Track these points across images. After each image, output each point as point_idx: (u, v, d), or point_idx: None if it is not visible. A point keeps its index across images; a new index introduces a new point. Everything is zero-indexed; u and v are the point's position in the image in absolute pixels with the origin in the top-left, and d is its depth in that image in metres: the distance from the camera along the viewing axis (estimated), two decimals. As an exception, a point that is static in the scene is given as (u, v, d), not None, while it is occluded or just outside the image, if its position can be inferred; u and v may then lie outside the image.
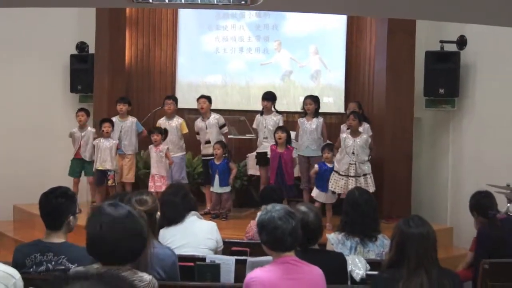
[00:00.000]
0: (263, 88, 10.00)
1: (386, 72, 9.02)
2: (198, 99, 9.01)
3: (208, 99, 8.98)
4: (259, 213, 3.64)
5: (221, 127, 8.99)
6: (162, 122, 9.08)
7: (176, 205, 4.97)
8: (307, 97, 8.77)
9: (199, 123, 9.03)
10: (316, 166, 8.23)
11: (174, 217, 4.94)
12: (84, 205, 9.37)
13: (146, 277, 3.09)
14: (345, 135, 8.09)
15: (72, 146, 9.29)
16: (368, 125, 8.42)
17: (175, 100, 9.13)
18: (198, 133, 9.10)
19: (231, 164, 8.60)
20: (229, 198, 8.77)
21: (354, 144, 7.93)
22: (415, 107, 9.10)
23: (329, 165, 8.13)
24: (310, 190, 8.43)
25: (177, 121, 9.09)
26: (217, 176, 8.54)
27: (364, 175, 7.95)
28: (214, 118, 8.99)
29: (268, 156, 8.58)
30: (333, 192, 8.07)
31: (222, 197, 8.68)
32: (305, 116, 8.71)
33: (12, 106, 9.90)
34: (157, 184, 8.52)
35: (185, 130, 9.08)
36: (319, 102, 8.77)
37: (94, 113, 9.86)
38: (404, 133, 8.94)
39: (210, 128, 8.91)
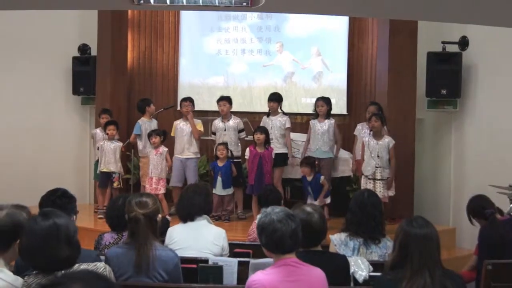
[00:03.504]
0: (265, 90, 10.03)
1: (388, 73, 9.01)
2: (218, 101, 8.94)
3: (229, 101, 8.92)
4: (258, 216, 3.62)
5: (239, 131, 8.94)
6: (178, 124, 9.02)
7: (195, 204, 4.99)
8: (319, 99, 8.77)
9: (218, 123, 8.95)
10: None
11: (188, 214, 4.96)
12: (86, 207, 9.42)
13: (100, 264, 3.33)
14: (367, 138, 8.08)
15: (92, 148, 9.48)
16: (385, 127, 8.26)
17: (192, 101, 9.00)
18: (214, 133, 9.02)
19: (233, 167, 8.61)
20: (231, 200, 8.77)
21: (378, 147, 7.92)
22: (417, 108, 9.10)
23: (308, 178, 8.23)
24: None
25: (194, 122, 8.96)
26: (219, 178, 8.53)
27: (388, 177, 7.97)
28: (234, 121, 8.93)
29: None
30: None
31: (225, 199, 8.68)
32: (317, 118, 8.70)
33: (15, 107, 9.91)
34: (154, 186, 8.49)
35: (200, 128, 8.96)
36: (331, 104, 8.77)
37: (96, 115, 9.88)
38: (406, 134, 8.93)
39: (228, 131, 8.86)
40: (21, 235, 3.15)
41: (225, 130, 8.84)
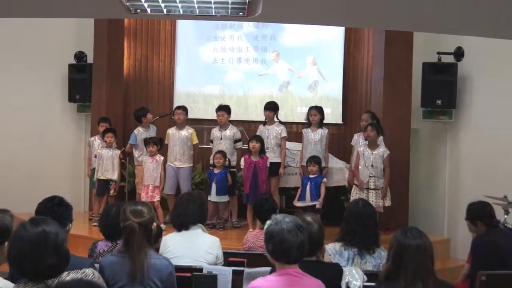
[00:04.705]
0: (260, 99, 10.05)
1: (384, 83, 9.03)
2: (217, 111, 8.93)
3: (227, 110, 8.90)
4: (268, 222, 3.61)
5: (235, 141, 8.94)
6: (172, 131, 9.02)
7: (189, 212, 4.98)
8: (311, 108, 8.77)
9: (215, 132, 8.95)
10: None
11: (182, 223, 4.96)
12: (81, 215, 9.39)
13: (88, 271, 3.30)
14: (362, 148, 8.10)
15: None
16: (381, 137, 8.28)
17: (185, 110, 9.01)
18: (212, 141, 9.03)
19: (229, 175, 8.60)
20: (226, 207, 8.76)
21: (373, 157, 7.94)
22: (412, 118, 9.12)
23: (312, 176, 8.22)
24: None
25: (188, 131, 8.97)
26: (214, 185, 8.52)
27: (382, 188, 7.98)
28: (231, 130, 8.92)
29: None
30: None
31: (220, 207, 8.67)
32: (310, 127, 8.71)
33: (11, 114, 9.91)
34: (150, 194, 8.50)
35: (196, 141, 8.97)
36: (324, 113, 8.78)
37: (92, 122, 9.90)
38: (402, 144, 8.94)
39: (224, 140, 8.86)
40: (9, 241, 3.17)
41: (221, 139, 8.85)
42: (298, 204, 8.24)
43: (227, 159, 8.60)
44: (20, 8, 4.73)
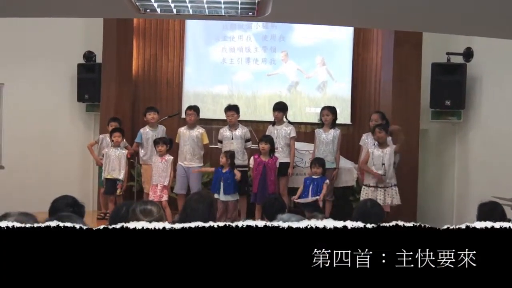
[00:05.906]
0: (269, 99, 10.04)
1: (393, 84, 9.03)
2: (226, 111, 8.94)
3: (237, 110, 8.92)
4: (275, 222, 3.60)
5: (246, 141, 8.94)
6: (182, 131, 9.05)
7: (198, 213, 4.98)
8: (324, 108, 8.80)
9: (224, 132, 8.95)
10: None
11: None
12: (90, 214, 9.41)
13: None
14: (372, 148, 8.11)
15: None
16: (389, 138, 8.32)
17: (197, 110, 9.04)
18: (221, 142, 9.01)
19: (235, 171, 8.58)
20: (236, 207, 8.74)
21: (383, 156, 7.95)
22: (421, 119, 9.11)
23: (315, 177, 8.23)
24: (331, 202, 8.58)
25: (198, 131, 9.00)
26: (221, 184, 8.53)
27: (392, 186, 8.00)
28: (241, 130, 8.94)
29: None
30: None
31: (229, 206, 8.66)
32: (322, 127, 8.72)
33: (19, 114, 9.92)
34: (158, 193, 8.52)
35: (206, 141, 9.00)
36: (337, 113, 8.79)
37: (100, 122, 9.92)
38: (410, 144, 8.91)
39: (235, 140, 8.87)
40: None
41: (232, 139, 8.85)
42: (298, 200, 8.25)
43: (231, 159, 8.57)
44: (31, 7, 4.76)
